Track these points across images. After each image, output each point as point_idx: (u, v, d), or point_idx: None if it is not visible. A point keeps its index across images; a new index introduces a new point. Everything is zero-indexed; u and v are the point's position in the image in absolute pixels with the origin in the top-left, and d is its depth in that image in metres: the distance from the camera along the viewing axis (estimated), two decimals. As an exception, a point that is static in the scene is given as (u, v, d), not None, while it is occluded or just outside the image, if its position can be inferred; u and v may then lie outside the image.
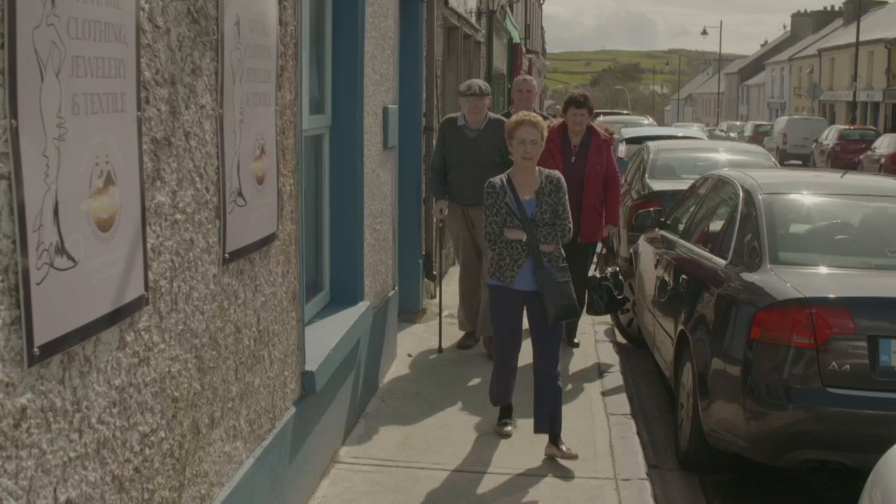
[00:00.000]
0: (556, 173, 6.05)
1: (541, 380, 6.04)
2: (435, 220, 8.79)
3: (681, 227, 8.09)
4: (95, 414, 2.77)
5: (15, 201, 2.31)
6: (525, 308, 6.07)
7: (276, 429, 4.64)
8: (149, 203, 3.12)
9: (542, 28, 59.76)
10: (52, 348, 2.49)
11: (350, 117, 6.47)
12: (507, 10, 24.53)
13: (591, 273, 8.45)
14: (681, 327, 6.61)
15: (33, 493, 2.43)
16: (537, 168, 6.01)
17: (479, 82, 8.28)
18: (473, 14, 16.42)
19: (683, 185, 10.17)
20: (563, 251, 6.05)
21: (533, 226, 5.86)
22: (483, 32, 18.20)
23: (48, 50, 2.43)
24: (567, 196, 6.01)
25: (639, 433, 6.65)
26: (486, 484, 5.62)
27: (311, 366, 5.18)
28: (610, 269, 7.88)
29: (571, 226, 6.02)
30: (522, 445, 6.15)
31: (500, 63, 23.62)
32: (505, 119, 8.01)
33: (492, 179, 6.02)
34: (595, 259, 8.93)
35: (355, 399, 6.49)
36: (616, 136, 9.21)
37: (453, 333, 8.67)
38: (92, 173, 2.70)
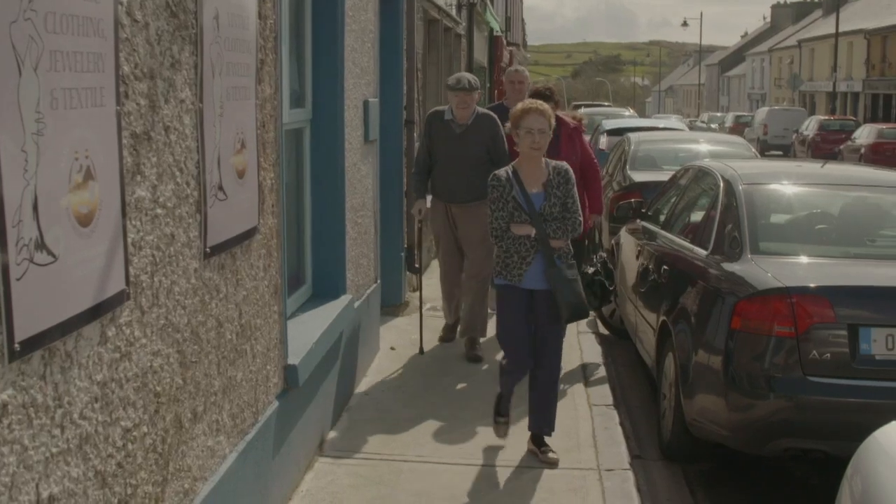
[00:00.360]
0: (564, 164, 5.81)
1: (541, 381, 5.89)
2: (415, 218, 8.65)
3: (662, 217, 8.11)
4: (77, 409, 2.77)
5: (-6, 197, 2.30)
6: (532, 306, 5.82)
7: (259, 423, 4.64)
8: (129, 198, 3.11)
9: (522, 20, 59.81)
10: (32, 344, 2.48)
11: (331, 111, 6.46)
12: (488, 2, 24.54)
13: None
14: (662, 318, 6.63)
15: (15, 489, 2.43)
16: (544, 160, 5.75)
17: (469, 76, 8.00)
18: (453, 6, 16.42)
19: (664, 176, 10.22)
20: (570, 247, 5.83)
21: (542, 220, 5.62)
22: (463, 25, 18.20)
23: (26, 44, 2.43)
24: (575, 188, 5.77)
25: (622, 423, 6.67)
26: (470, 476, 5.64)
27: (293, 359, 5.17)
28: (597, 256, 7.73)
29: (582, 219, 5.80)
30: (506, 438, 6.16)
31: (481, 56, 23.64)
32: (493, 114, 7.94)
33: (497, 172, 5.80)
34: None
35: (338, 392, 6.48)
36: (584, 120, 9.03)
37: (436, 326, 8.66)
38: (71, 168, 2.69)
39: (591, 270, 6.51)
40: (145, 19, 3.23)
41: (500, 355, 7.89)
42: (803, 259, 6.03)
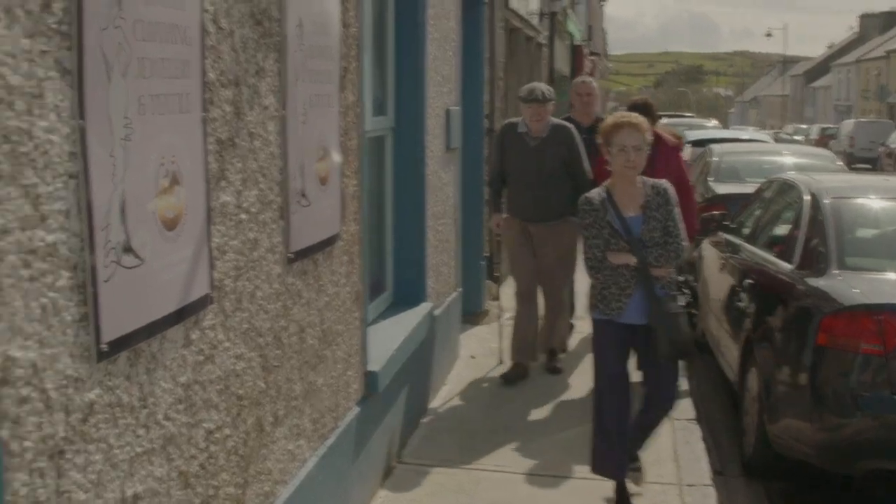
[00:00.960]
0: (664, 183, 5.20)
1: (648, 423, 5.39)
2: (494, 232, 8.37)
3: (745, 230, 8.00)
4: (162, 410, 2.80)
5: (83, 200, 2.35)
6: (634, 343, 5.23)
7: (339, 428, 4.66)
8: (214, 203, 3.15)
9: (603, 29, 59.57)
10: (119, 345, 2.52)
11: (412, 119, 6.48)
12: (569, 11, 24.48)
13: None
14: (746, 332, 6.53)
15: (101, 487, 2.46)
16: (640, 178, 5.15)
17: (543, 87, 7.61)
18: (535, 16, 16.41)
19: (748, 188, 10.08)
20: (676, 276, 5.28)
21: (641, 246, 5.02)
22: (545, 34, 18.18)
23: (115, 51, 2.47)
24: (677, 208, 5.16)
25: (703, 438, 6.58)
26: (549, 487, 5.60)
27: (374, 366, 5.20)
28: (681, 278, 7.09)
29: (686, 243, 5.23)
30: (586, 449, 6.10)
31: (562, 65, 23.59)
32: (570, 125, 7.62)
33: (588, 195, 5.19)
34: None
35: (417, 400, 6.49)
36: (683, 140, 8.28)
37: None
38: (158, 173, 2.73)
39: (682, 302, 5.75)
40: (230, 27, 3.27)
41: (578, 371, 7.87)
42: (891, 275, 5.89)
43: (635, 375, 5.29)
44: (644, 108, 7.26)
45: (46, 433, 2.22)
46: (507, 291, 9.26)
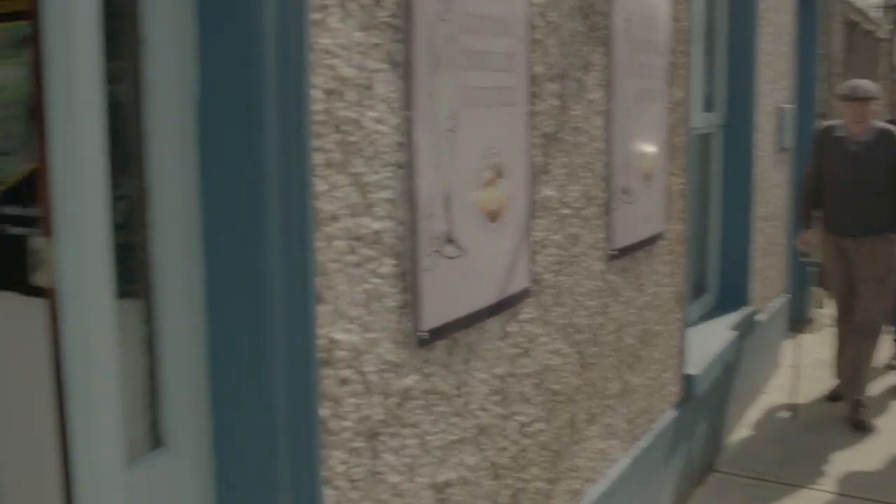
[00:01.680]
0: None
1: None
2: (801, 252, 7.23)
3: None
4: (476, 401, 2.83)
5: (409, 190, 2.40)
6: None
7: (653, 430, 4.57)
8: (536, 196, 3.15)
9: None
10: (437, 333, 2.57)
11: (742, 116, 6.28)
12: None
13: None
14: None
15: (413, 472, 2.51)
16: None
17: (866, 83, 6.64)
18: (876, 9, 15.55)
19: None
20: None
21: None
22: (886, 27, 17.19)
23: (443, 44, 2.51)
24: None
25: None
26: (877, 509, 5.27)
27: (692, 369, 5.07)
28: None
29: None
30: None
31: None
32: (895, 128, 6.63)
33: None
34: None
35: (735, 407, 6.28)
36: None
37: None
38: (482, 165, 2.76)
39: None
40: (558, 20, 3.25)
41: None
42: None
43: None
44: None
45: (364, 415, 2.29)
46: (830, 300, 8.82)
